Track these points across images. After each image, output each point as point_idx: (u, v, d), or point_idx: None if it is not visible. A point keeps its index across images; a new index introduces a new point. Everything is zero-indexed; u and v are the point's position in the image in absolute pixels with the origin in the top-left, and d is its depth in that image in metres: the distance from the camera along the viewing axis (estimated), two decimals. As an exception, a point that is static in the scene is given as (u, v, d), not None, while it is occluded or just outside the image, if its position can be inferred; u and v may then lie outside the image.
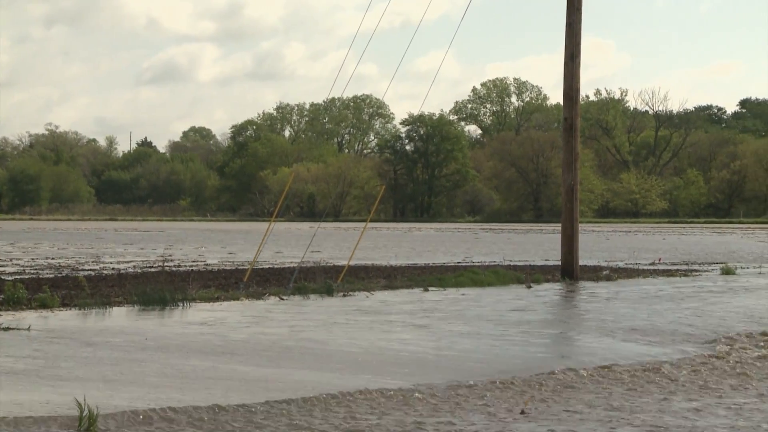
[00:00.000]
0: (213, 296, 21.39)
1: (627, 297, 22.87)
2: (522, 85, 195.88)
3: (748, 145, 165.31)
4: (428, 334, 16.20)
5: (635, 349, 14.90)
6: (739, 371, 13.15)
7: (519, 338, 15.89)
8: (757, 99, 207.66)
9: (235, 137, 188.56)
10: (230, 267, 32.39)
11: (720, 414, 10.45)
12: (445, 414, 10.24)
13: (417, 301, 21.52)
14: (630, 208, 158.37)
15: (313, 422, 9.66)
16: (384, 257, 41.07)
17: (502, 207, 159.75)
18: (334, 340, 15.36)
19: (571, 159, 29.29)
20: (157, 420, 9.49)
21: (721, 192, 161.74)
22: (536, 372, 12.60)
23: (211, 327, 16.68)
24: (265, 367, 12.81)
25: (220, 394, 10.79)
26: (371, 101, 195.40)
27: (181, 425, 9.38)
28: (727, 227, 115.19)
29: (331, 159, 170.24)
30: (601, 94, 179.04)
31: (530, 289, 25.09)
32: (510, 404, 10.79)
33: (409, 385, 11.48)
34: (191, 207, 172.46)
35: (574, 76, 29.36)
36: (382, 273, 29.40)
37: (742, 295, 23.72)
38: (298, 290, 22.80)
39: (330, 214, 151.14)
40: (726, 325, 17.78)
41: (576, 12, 29.35)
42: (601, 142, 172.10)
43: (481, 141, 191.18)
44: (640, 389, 11.86)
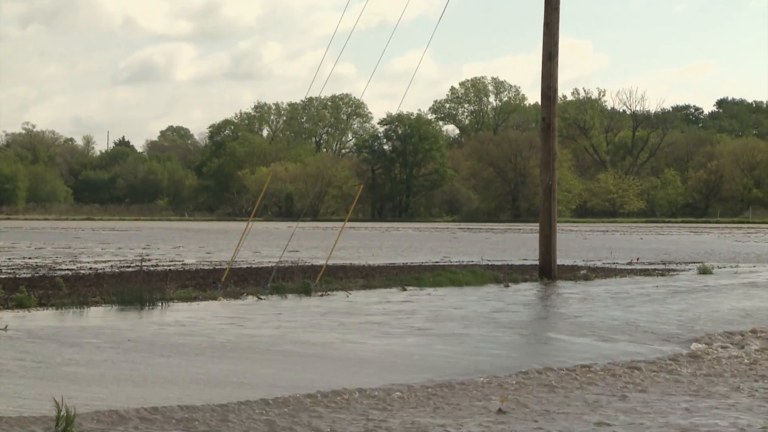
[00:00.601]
0: (191, 296, 21.36)
1: (604, 297, 22.94)
2: (500, 84, 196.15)
3: (725, 145, 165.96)
4: (406, 333, 16.20)
5: (612, 348, 14.94)
6: (716, 370, 13.20)
7: (496, 337, 15.92)
8: (734, 99, 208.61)
9: (213, 137, 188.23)
10: (208, 267, 32.34)
11: (696, 412, 10.50)
12: (421, 413, 10.25)
13: (393, 301, 21.52)
14: (608, 207, 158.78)
15: (290, 422, 9.66)
16: (362, 257, 41.08)
17: (480, 206, 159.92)
18: (312, 339, 15.36)
19: (549, 159, 29.35)
20: (135, 420, 9.47)
21: (698, 192, 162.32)
22: (514, 371, 12.62)
23: (189, 327, 16.65)
24: (242, 365, 12.80)
25: (198, 393, 10.78)
26: (349, 101, 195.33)
27: (159, 425, 9.38)
28: (704, 227, 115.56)
29: (309, 159, 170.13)
30: (578, 94, 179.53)
31: (508, 289, 25.13)
32: (487, 403, 10.81)
33: (387, 385, 11.49)
34: (169, 207, 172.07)
35: (551, 75, 29.42)
36: (360, 273, 29.40)
37: (719, 294, 23.81)
38: (276, 290, 22.78)
39: (308, 213, 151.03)
40: (703, 324, 17.85)
41: (554, 12, 29.41)
42: (579, 141, 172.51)
43: (459, 141, 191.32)
44: (617, 388, 11.90)
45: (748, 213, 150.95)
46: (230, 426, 9.46)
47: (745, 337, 16.16)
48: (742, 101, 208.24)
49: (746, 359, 14.06)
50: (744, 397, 11.45)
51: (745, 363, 13.80)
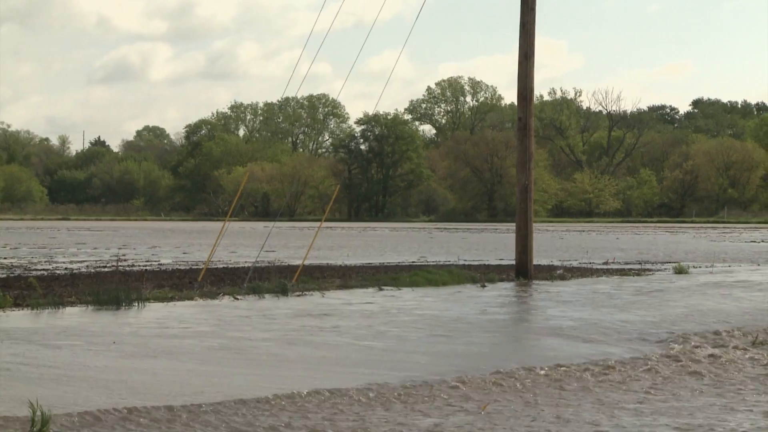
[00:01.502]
0: (167, 296, 21.30)
1: (580, 296, 22.98)
2: (476, 84, 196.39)
3: (700, 145, 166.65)
4: (381, 333, 16.20)
5: (589, 348, 14.97)
6: (692, 370, 13.24)
7: (473, 337, 15.93)
8: (709, 99, 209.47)
9: (189, 137, 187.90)
10: (184, 267, 32.26)
11: (673, 411, 10.53)
12: (398, 413, 10.25)
13: (371, 302, 21.51)
14: (584, 207, 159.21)
15: (266, 421, 9.65)
16: (339, 257, 41.05)
17: (456, 206, 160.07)
18: (285, 338, 15.34)
19: (526, 159, 29.38)
20: (112, 420, 9.44)
21: (674, 192, 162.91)
22: (491, 371, 12.63)
23: (165, 328, 16.61)
24: (216, 366, 12.77)
25: (175, 393, 10.74)
26: (326, 101, 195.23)
27: (135, 425, 9.34)
28: (679, 227, 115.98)
29: (286, 158, 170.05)
30: (555, 94, 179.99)
31: (485, 289, 25.15)
32: (464, 403, 10.82)
33: (363, 385, 11.48)
34: (145, 206, 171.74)
35: (528, 76, 29.45)
36: (337, 272, 29.38)
37: (694, 294, 23.88)
38: (252, 290, 22.74)
39: (284, 213, 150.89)
40: (679, 324, 17.90)
41: (530, 12, 29.44)
42: (555, 141, 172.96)
43: (436, 140, 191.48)
44: (594, 388, 11.92)
45: (723, 213, 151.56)
46: (208, 425, 9.43)
47: (722, 337, 16.21)
48: (717, 101, 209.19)
49: (723, 358, 14.11)
50: (711, 396, 11.50)
51: (722, 362, 13.85)
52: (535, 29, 29.55)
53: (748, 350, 14.90)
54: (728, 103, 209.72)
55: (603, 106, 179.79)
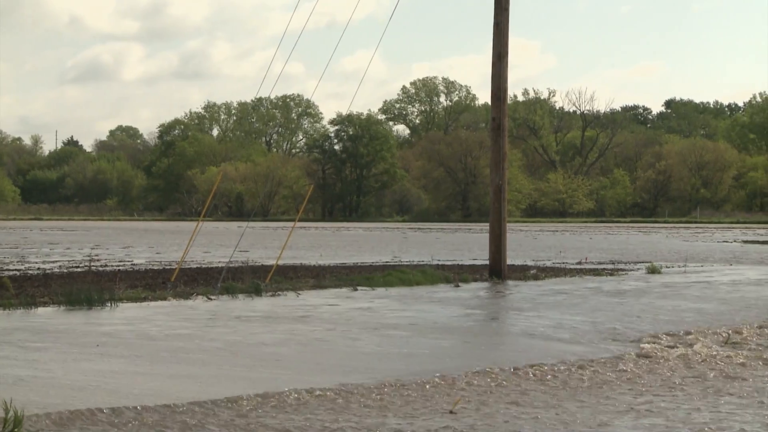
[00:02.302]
0: (140, 296, 21.24)
1: (554, 296, 23.03)
2: (451, 84, 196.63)
3: (673, 145, 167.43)
4: (355, 333, 16.19)
5: (562, 347, 15.01)
6: (664, 369, 13.29)
7: (445, 337, 15.94)
8: (682, 99, 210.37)
9: (162, 136, 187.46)
10: (157, 267, 32.17)
11: (644, 411, 10.57)
12: (373, 413, 10.25)
13: (343, 302, 21.52)
14: (557, 207, 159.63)
15: (242, 421, 9.64)
16: (312, 257, 41.02)
17: (430, 206, 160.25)
18: (260, 337, 15.33)
19: (499, 159, 29.42)
20: (83, 420, 9.41)
21: (647, 192, 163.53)
22: (464, 371, 12.64)
23: (136, 327, 16.58)
24: (191, 366, 12.75)
25: (147, 393, 10.72)
26: (299, 101, 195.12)
27: (106, 425, 9.32)
28: (652, 226, 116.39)
29: (260, 158, 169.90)
30: (528, 94, 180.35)
31: (458, 289, 25.18)
32: (437, 403, 10.83)
33: (337, 385, 11.48)
34: (118, 206, 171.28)
35: (501, 76, 29.49)
36: (311, 272, 29.35)
37: (667, 294, 23.97)
38: (226, 290, 22.70)
39: (258, 213, 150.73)
40: (651, 323, 17.96)
41: (503, 12, 29.48)
42: (529, 142, 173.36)
43: (410, 140, 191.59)
44: (567, 388, 11.95)
45: (695, 213, 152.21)
46: (182, 425, 9.41)
47: (693, 336, 16.28)
48: (689, 102, 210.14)
49: (694, 357, 14.17)
50: (683, 394, 11.55)
51: (693, 361, 13.90)
52: (508, 29, 29.61)
53: (718, 348, 14.96)
54: (701, 104, 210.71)
55: (576, 106, 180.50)
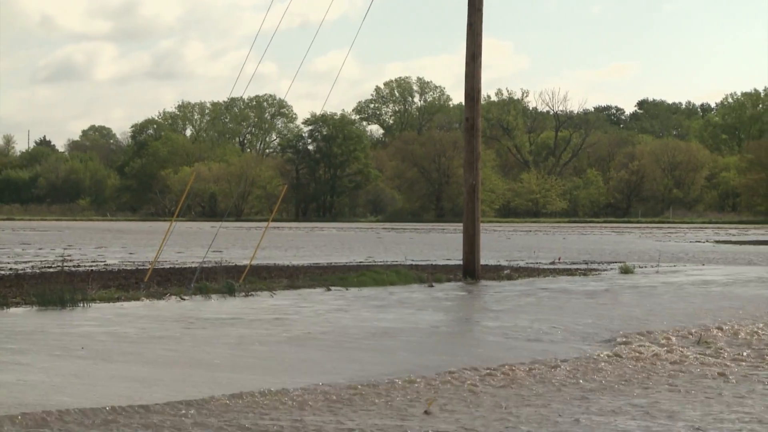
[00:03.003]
0: (113, 296, 21.17)
1: (527, 296, 23.06)
2: (425, 85, 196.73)
3: (645, 146, 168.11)
4: (327, 332, 16.18)
5: (535, 347, 15.03)
6: (637, 369, 13.32)
7: (419, 337, 15.94)
8: (655, 100, 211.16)
9: (135, 136, 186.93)
10: (131, 267, 32.07)
11: (620, 411, 10.59)
12: (345, 414, 10.23)
13: (318, 302, 21.50)
14: (531, 207, 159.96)
15: (215, 422, 9.61)
16: (286, 257, 40.98)
17: (404, 207, 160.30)
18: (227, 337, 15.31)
19: (473, 159, 29.46)
20: (52, 421, 9.37)
21: (620, 192, 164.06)
22: (437, 371, 12.64)
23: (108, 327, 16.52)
24: (162, 368, 12.71)
25: (121, 394, 10.68)
26: (273, 101, 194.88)
27: (75, 426, 9.28)
28: (625, 227, 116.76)
29: (233, 158, 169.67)
30: (502, 95, 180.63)
31: (432, 289, 25.19)
32: (412, 403, 10.82)
33: (309, 385, 11.46)
34: (91, 206, 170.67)
35: (475, 76, 29.52)
36: (285, 273, 29.32)
37: (640, 294, 24.04)
38: (199, 290, 22.65)
39: (232, 213, 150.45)
40: (624, 323, 18.00)
41: (477, 12, 29.51)
42: (503, 142, 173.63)
43: (384, 141, 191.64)
44: (540, 388, 11.97)
45: (668, 213, 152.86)
46: (155, 427, 9.38)
47: (666, 336, 16.32)
48: (662, 102, 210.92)
49: (667, 357, 14.21)
50: (655, 393, 11.59)
51: (667, 361, 13.94)
52: (482, 30, 29.63)
53: (690, 349, 15.02)
54: (673, 104, 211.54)
55: (550, 106, 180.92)
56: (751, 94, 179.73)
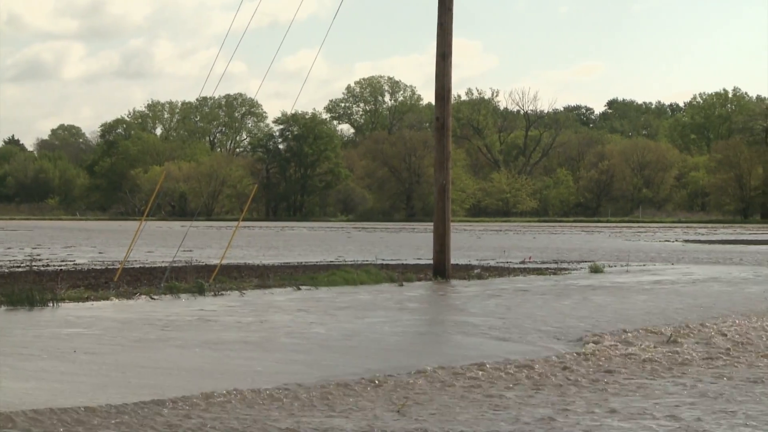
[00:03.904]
0: (82, 296, 21.08)
1: (497, 296, 23.09)
2: (396, 84, 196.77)
3: (615, 145, 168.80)
4: (296, 332, 16.15)
5: (505, 347, 15.04)
6: (607, 369, 13.36)
7: (389, 337, 15.93)
8: (624, 99, 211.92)
9: (105, 135, 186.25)
10: (100, 267, 31.95)
11: (594, 410, 10.62)
12: (317, 413, 10.22)
13: (288, 300, 21.47)
14: (501, 207, 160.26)
15: (185, 422, 9.58)
16: (256, 256, 40.91)
17: (374, 206, 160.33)
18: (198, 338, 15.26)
19: (443, 158, 29.47)
20: (22, 421, 9.32)
21: (590, 191, 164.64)
22: (408, 371, 12.64)
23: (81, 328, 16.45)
24: (133, 368, 12.67)
25: (91, 394, 10.63)
26: (243, 100, 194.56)
27: (46, 426, 9.24)
28: (595, 226, 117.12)
29: (203, 158, 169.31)
30: (472, 94, 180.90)
31: (402, 288, 25.18)
32: (383, 403, 10.82)
33: (280, 384, 11.44)
34: (60, 206, 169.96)
35: (445, 75, 29.53)
36: (255, 272, 29.27)
37: (609, 292, 24.11)
38: (169, 290, 22.57)
39: (202, 213, 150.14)
40: (594, 323, 18.04)
41: (447, 12, 29.53)
42: (473, 141, 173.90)
43: (354, 140, 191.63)
44: (512, 387, 11.99)
45: (638, 212, 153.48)
46: (126, 426, 9.34)
47: (636, 335, 16.37)
48: (631, 102, 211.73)
49: (638, 356, 14.25)
50: (630, 392, 11.63)
51: (638, 360, 13.99)
52: (452, 29, 29.66)
53: (659, 347, 15.07)
54: (643, 104, 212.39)
55: (520, 106, 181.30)
56: (720, 94, 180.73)
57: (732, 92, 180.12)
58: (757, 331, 17.13)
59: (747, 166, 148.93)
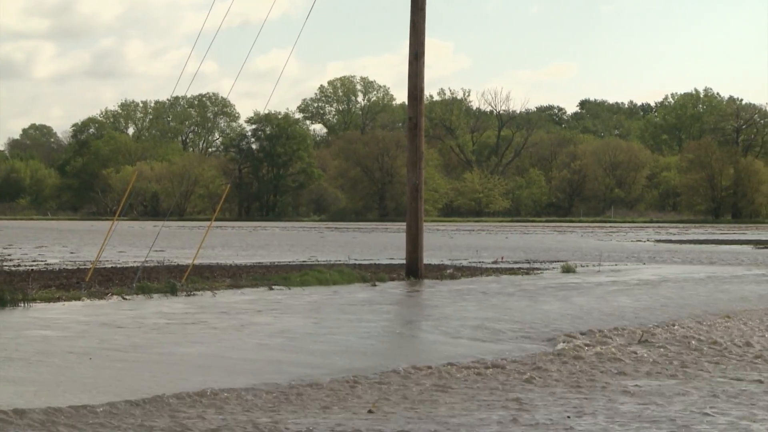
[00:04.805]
0: (54, 296, 21.00)
1: (469, 295, 23.12)
2: (369, 84, 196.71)
3: (587, 145, 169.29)
4: (268, 333, 16.14)
5: (478, 346, 15.07)
6: (579, 368, 13.40)
7: (362, 337, 15.94)
8: (596, 100, 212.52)
9: (76, 135, 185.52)
10: (72, 267, 31.81)
11: (562, 409, 10.65)
12: (288, 413, 10.22)
13: (260, 300, 21.44)
14: (473, 207, 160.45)
15: (158, 423, 9.56)
16: (229, 256, 40.84)
17: (347, 206, 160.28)
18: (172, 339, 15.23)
19: (416, 158, 29.49)
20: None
21: (562, 191, 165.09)
22: (381, 370, 12.66)
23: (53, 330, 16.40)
24: (107, 369, 12.64)
25: (62, 394, 10.60)
26: (215, 100, 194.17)
27: (15, 426, 9.20)
28: (567, 226, 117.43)
29: (176, 157, 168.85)
30: (444, 94, 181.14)
31: (375, 288, 25.19)
32: (355, 403, 10.83)
33: (252, 385, 11.43)
34: (31, 206, 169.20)
35: (418, 75, 29.55)
36: (227, 272, 29.22)
37: (582, 293, 24.18)
38: (141, 290, 22.51)
39: (174, 213, 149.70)
40: (566, 322, 18.09)
41: (420, 12, 29.55)
42: (446, 141, 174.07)
43: (327, 140, 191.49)
44: (484, 386, 12.01)
45: (610, 212, 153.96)
46: (93, 426, 9.32)
47: (608, 334, 16.43)
48: (603, 102, 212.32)
49: (608, 356, 14.30)
50: (597, 391, 11.67)
51: (607, 359, 14.04)
52: (425, 29, 29.68)
53: (632, 346, 15.13)
54: (615, 104, 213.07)
55: (492, 106, 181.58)
56: (692, 94, 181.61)
57: (703, 93, 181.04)
58: (725, 331, 17.24)
59: (718, 166, 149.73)
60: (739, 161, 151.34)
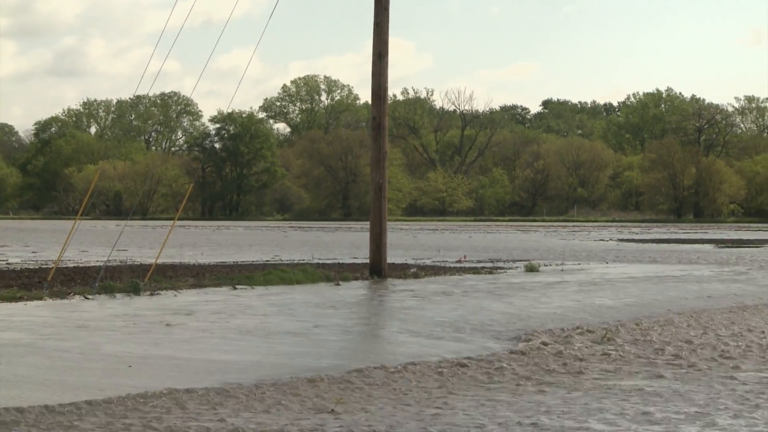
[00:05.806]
0: (15, 296, 20.89)
1: (433, 295, 23.14)
2: (332, 83, 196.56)
3: (551, 145, 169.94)
4: (236, 333, 16.11)
5: (441, 345, 15.10)
6: (543, 367, 13.45)
7: (326, 336, 15.94)
8: (559, 99, 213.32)
9: (38, 134, 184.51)
10: (33, 266, 31.66)
11: (532, 407, 10.69)
12: (253, 412, 10.21)
13: (223, 300, 21.40)
14: (437, 206, 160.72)
15: (122, 422, 9.54)
16: (192, 255, 40.74)
17: (311, 205, 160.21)
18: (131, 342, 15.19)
19: (380, 158, 29.50)
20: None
21: (525, 191, 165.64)
22: (345, 370, 12.66)
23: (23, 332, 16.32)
24: (73, 371, 12.59)
25: (29, 394, 10.56)
26: (179, 99, 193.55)
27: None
28: (530, 225, 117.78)
29: (139, 157, 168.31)
30: (408, 94, 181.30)
31: (339, 287, 25.19)
32: (318, 402, 10.82)
33: (216, 385, 11.41)
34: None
35: (382, 75, 29.56)
36: (191, 271, 29.15)
37: (545, 292, 24.26)
38: (103, 289, 22.40)
39: (137, 212, 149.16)
40: (530, 321, 18.15)
41: (384, 12, 29.56)
42: (409, 141, 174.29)
43: (291, 139, 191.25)
44: (448, 385, 12.03)
45: (573, 211, 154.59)
46: (62, 426, 9.29)
47: (571, 334, 16.50)
48: (566, 102, 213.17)
49: (570, 355, 14.36)
50: (562, 389, 11.72)
51: (569, 358, 14.09)
52: (389, 29, 29.69)
53: (594, 346, 15.20)
54: (578, 104, 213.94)
55: (455, 105, 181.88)
56: (654, 94, 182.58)
57: (665, 92, 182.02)
58: (682, 329, 17.36)
59: (680, 165, 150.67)
60: (700, 161, 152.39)
